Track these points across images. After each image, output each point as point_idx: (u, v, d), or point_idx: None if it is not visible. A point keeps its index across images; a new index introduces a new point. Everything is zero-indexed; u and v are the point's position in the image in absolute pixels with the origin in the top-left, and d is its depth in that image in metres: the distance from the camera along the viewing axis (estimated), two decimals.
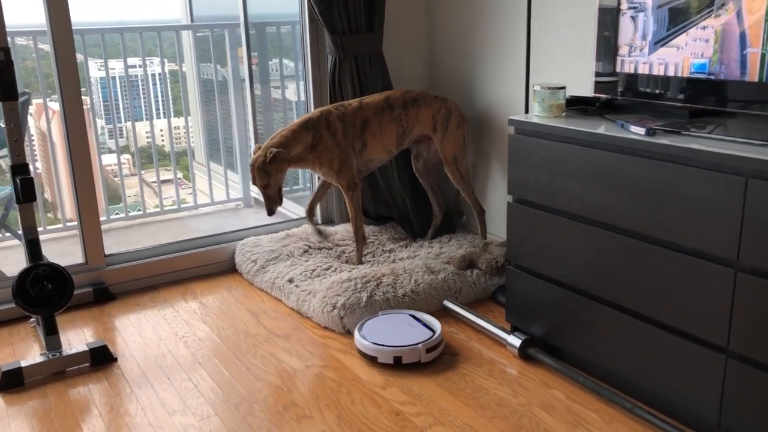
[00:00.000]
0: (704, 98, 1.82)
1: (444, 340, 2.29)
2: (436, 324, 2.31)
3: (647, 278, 1.81)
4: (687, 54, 1.84)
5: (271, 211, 2.64)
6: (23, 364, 2.17)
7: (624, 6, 2.00)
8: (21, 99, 2.34)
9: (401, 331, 2.27)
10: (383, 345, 2.19)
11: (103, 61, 3.92)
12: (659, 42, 1.91)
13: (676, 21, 1.85)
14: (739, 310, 1.61)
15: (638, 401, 1.94)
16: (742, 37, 1.70)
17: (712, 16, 1.75)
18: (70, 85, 2.64)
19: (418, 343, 2.18)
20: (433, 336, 2.22)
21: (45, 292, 2.23)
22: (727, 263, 1.63)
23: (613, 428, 1.85)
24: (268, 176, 2.57)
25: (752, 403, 1.62)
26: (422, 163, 3.00)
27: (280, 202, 2.66)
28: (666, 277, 1.76)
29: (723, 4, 1.72)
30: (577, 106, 2.16)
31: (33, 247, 2.25)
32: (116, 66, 4.64)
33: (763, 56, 1.65)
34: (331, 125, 2.67)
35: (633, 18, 1.97)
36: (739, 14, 1.69)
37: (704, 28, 1.78)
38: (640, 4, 1.95)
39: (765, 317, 1.56)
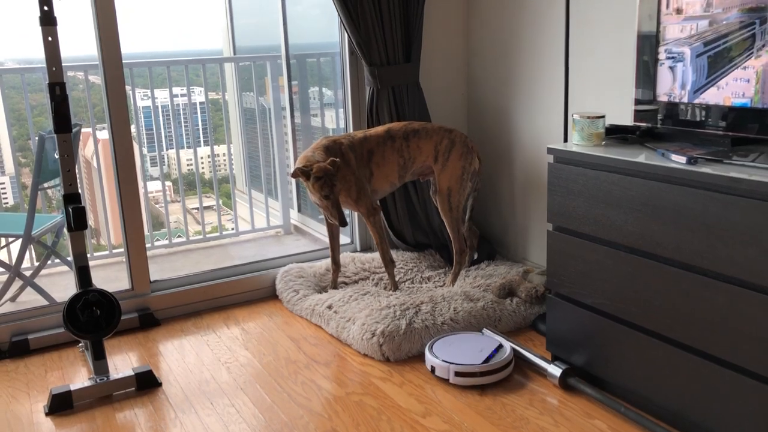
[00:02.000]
0: (746, 126, 1.81)
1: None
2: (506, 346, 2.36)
3: (690, 308, 1.79)
4: (728, 94, 1.83)
5: (343, 221, 2.62)
6: (72, 387, 2.23)
7: (662, 56, 2.00)
8: (73, 131, 2.43)
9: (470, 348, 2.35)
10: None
11: (146, 90, 4.05)
12: (698, 90, 1.91)
13: (716, 67, 1.85)
14: None
15: None
16: None
17: (753, 57, 1.75)
18: (119, 115, 2.74)
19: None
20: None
21: (94, 318, 2.30)
22: None
23: None
24: (332, 187, 2.58)
25: None
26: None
27: (343, 214, 2.65)
28: (711, 306, 1.74)
29: (764, 45, 1.72)
30: (616, 134, 2.16)
31: (83, 273, 2.33)
32: (159, 95, 4.78)
33: None
34: (345, 155, 2.70)
35: (671, 68, 1.98)
36: None
37: (745, 68, 1.78)
38: (679, 54, 1.95)
39: None
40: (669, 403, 1.90)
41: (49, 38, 2.22)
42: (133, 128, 3.93)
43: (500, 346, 2.34)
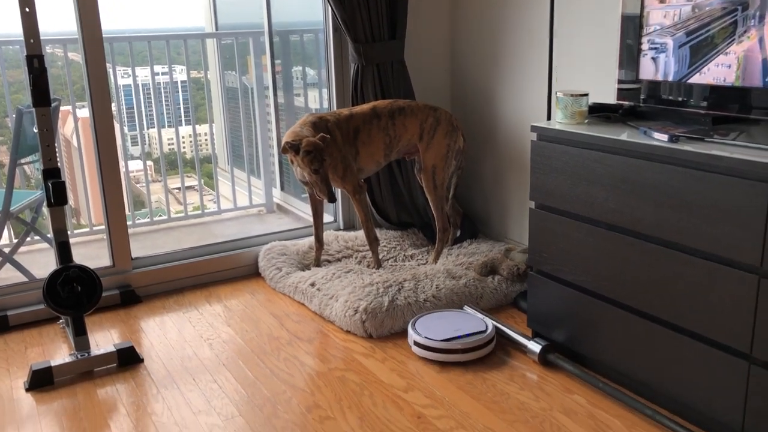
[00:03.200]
0: (727, 105, 1.83)
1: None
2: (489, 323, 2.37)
3: (670, 284, 1.81)
4: (709, 79, 1.84)
5: (332, 197, 2.60)
6: (53, 363, 2.22)
7: (645, 47, 2.01)
8: (52, 105, 2.39)
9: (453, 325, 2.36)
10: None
11: (126, 68, 4.00)
12: (681, 79, 1.92)
13: (698, 55, 1.86)
14: (763, 316, 1.61)
15: (659, 407, 1.94)
16: (764, 63, 1.70)
17: (735, 43, 1.76)
18: (99, 92, 2.70)
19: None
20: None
21: (74, 294, 2.28)
22: (751, 269, 1.63)
23: None
24: (322, 161, 2.55)
25: None
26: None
27: (332, 190, 2.63)
28: (689, 283, 1.76)
29: (745, 31, 1.73)
30: (599, 113, 2.17)
31: (63, 249, 2.31)
32: (140, 74, 4.72)
33: None
34: (331, 131, 2.69)
35: (654, 59, 1.99)
36: (761, 41, 1.70)
37: (726, 54, 1.79)
38: (661, 45, 1.96)
39: None
40: (647, 378, 1.93)
41: (26, 9, 2.18)
42: (114, 107, 3.88)
43: (484, 330, 2.30)
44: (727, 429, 1.77)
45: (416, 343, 2.29)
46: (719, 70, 1.81)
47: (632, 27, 2.04)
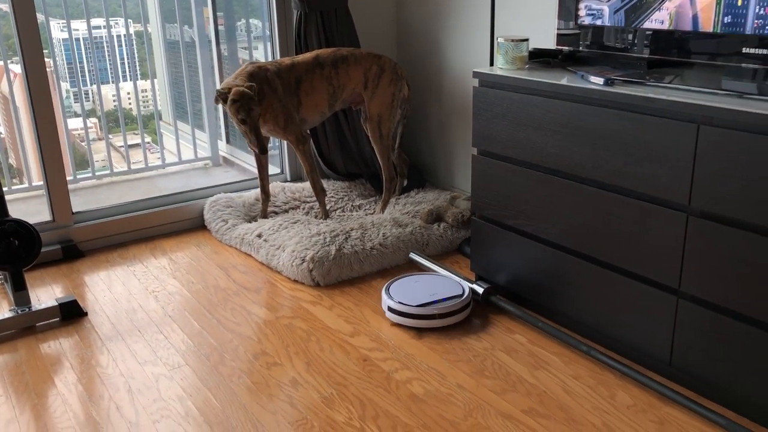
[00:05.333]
0: (663, 49, 1.86)
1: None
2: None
3: (605, 225, 1.87)
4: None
5: (263, 148, 2.57)
6: None
7: (582, 13, 2.02)
8: None
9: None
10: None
11: (64, 21, 3.84)
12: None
13: (633, 17, 1.90)
14: (690, 252, 1.68)
15: (596, 344, 2.02)
16: (695, 18, 1.74)
17: (667, 0, 1.79)
18: (31, 46, 2.59)
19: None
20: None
21: (11, 249, 2.23)
22: (680, 208, 1.69)
23: (571, 369, 1.93)
24: (249, 111, 2.51)
25: (701, 341, 1.70)
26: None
27: (263, 141, 2.61)
28: (622, 223, 1.82)
29: None
30: (540, 58, 2.19)
31: None
32: (80, 27, 4.54)
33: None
34: (271, 82, 2.66)
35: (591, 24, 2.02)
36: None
37: (660, 10, 1.82)
38: (598, 11, 1.98)
39: (714, 259, 1.63)
40: (583, 317, 2.00)
41: None
42: (51, 62, 3.74)
43: (459, 296, 2.19)
44: (658, 361, 1.86)
45: (390, 309, 2.19)
46: (653, 27, 1.85)
47: None
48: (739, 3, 1.63)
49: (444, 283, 2.27)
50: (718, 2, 1.68)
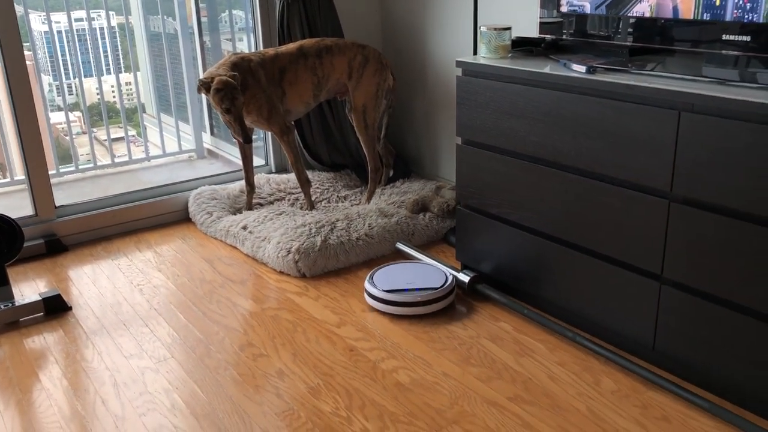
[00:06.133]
0: (645, 37, 1.87)
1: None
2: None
3: (588, 212, 1.88)
4: None
5: (247, 138, 2.55)
6: None
7: (564, 9, 2.03)
8: None
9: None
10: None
11: (45, 14, 3.79)
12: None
13: (614, 11, 1.91)
14: (673, 238, 1.70)
15: (580, 330, 2.04)
16: (675, 10, 1.75)
17: None
18: (10, 39, 2.56)
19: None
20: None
21: None
22: (662, 194, 1.70)
23: (556, 356, 1.94)
24: (232, 100, 2.50)
25: (683, 326, 1.72)
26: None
27: (248, 131, 2.60)
28: (605, 210, 1.83)
29: None
30: (523, 47, 2.19)
31: None
32: (61, 20, 4.49)
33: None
34: (255, 72, 2.64)
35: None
36: None
37: (641, 2, 1.82)
38: (579, 6, 1.99)
39: (696, 245, 1.65)
40: (568, 303, 2.01)
41: None
42: (32, 55, 3.69)
43: (442, 285, 2.19)
44: (641, 346, 1.88)
45: (368, 294, 2.21)
46: (635, 15, 1.86)
47: None
48: (717, 3, 1.64)
49: (428, 273, 2.27)
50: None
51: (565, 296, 2.02)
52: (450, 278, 2.24)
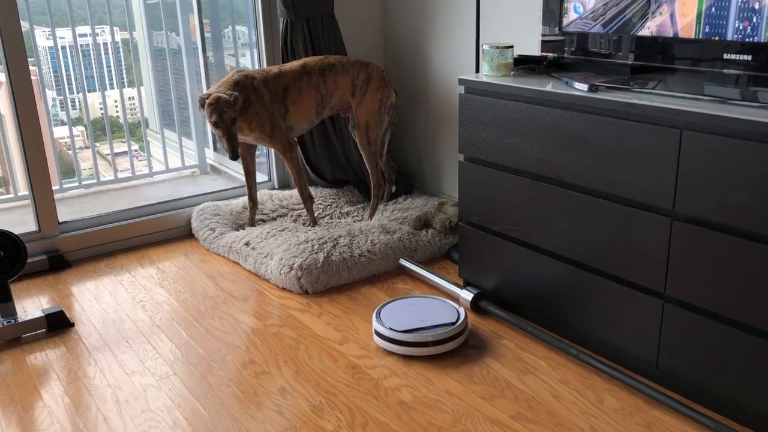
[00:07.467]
0: (646, 56, 1.88)
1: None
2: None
3: (590, 230, 1.88)
4: None
5: (234, 154, 2.54)
6: None
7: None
8: None
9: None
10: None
11: (50, 29, 3.82)
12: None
13: (615, 33, 1.93)
14: (675, 256, 1.70)
15: (584, 348, 2.03)
16: (676, 36, 1.76)
17: (649, 20, 1.81)
18: (16, 54, 2.58)
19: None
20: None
21: None
22: (664, 212, 1.70)
23: (559, 374, 1.94)
24: (221, 114, 2.50)
25: (687, 344, 1.72)
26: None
27: (236, 147, 2.58)
28: (608, 228, 1.84)
29: (658, 7, 1.78)
30: (524, 65, 2.20)
31: None
32: (65, 35, 4.52)
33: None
34: (258, 90, 2.66)
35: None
36: (672, 16, 1.76)
37: (642, 29, 1.84)
38: (581, 25, 2.01)
39: (699, 263, 1.65)
40: (572, 322, 2.01)
41: None
42: (36, 70, 3.71)
43: (453, 323, 2.06)
44: (644, 364, 1.87)
45: (377, 333, 2.08)
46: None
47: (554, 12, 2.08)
48: (716, 39, 1.65)
49: (437, 308, 2.15)
50: (698, 21, 1.70)
51: (568, 313, 2.01)
52: (463, 315, 2.10)
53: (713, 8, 1.66)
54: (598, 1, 1.94)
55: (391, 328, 2.05)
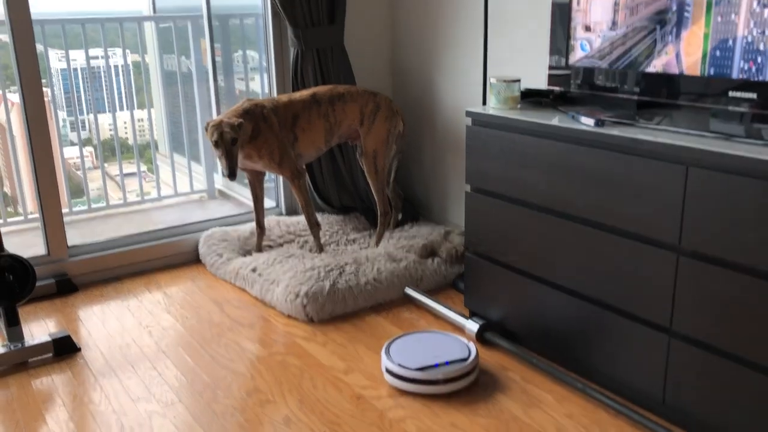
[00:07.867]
0: (653, 91, 1.90)
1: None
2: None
3: (596, 263, 1.89)
4: None
5: (231, 174, 2.55)
6: None
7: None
8: None
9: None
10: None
11: (64, 52, 3.88)
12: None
13: (622, 69, 1.96)
14: (681, 292, 1.70)
15: (589, 381, 2.03)
16: (681, 74, 1.79)
17: (655, 58, 1.84)
18: (30, 75, 2.63)
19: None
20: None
21: (6, 283, 2.23)
22: (670, 247, 1.71)
23: (565, 407, 1.93)
24: (221, 134, 2.53)
25: (694, 380, 1.71)
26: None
27: (233, 166, 2.59)
28: (614, 261, 1.84)
29: (664, 47, 1.81)
30: (531, 98, 2.23)
31: None
32: (78, 57, 4.59)
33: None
34: (267, 118, 2.69)
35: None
36: (678, 56, 1.78)
37: (648, 67, 1.87)
38: (588, 60, 2.04)
39: (705, 299, 1.65)
40: (578, 355, 2.01)
41: None
42: (49, 91, 3.77)
43: (465, 358, 2.04)
44: (651, 399, 1.86)
45: (388, 371, 2.03)
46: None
47: (564, 12, 2.09)
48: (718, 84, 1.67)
49: (446, 344, 2.11)
50: (704, 61, 1.72)
51: (574, 346, 2.01)
52: (474, 351, 2.07)
53: (718, 50, 1.68)
54: (605, 40, 1.97)
55: (401, 365, 2.00)
